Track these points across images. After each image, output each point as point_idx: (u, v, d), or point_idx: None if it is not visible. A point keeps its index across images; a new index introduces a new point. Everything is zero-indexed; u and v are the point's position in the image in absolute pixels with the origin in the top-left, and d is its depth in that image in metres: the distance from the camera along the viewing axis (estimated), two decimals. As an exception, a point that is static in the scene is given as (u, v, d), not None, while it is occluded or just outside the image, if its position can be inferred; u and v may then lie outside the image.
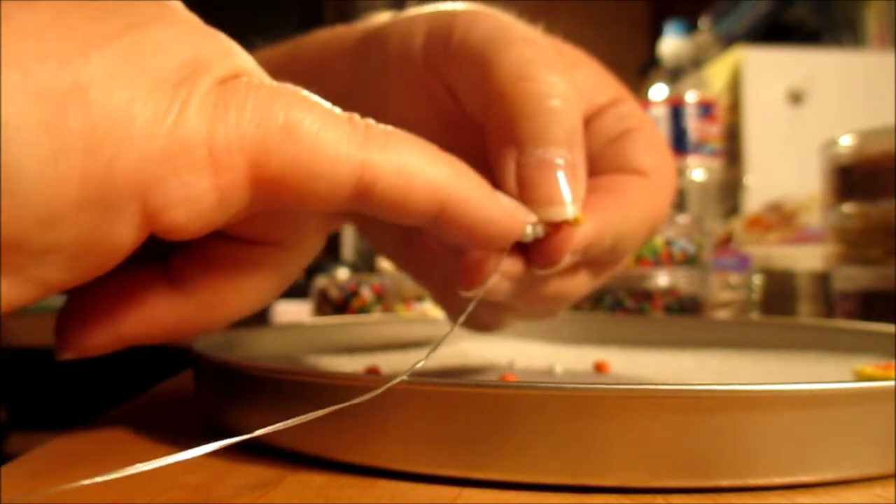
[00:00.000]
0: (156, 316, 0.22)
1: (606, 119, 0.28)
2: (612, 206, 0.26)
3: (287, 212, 0.22)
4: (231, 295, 0.23)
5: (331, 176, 0.19)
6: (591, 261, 0.27)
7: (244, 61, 0.20)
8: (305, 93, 0.20)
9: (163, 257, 0.23)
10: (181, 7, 0.20)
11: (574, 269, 0.27)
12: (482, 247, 0.23)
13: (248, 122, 0.18)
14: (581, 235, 0.24)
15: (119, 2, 0.18)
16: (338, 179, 0.19)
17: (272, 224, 0.22)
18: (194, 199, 0.18)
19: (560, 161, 0.24)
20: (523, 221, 0.23)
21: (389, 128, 0.21)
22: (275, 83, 0.20)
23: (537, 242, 0.24)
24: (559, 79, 0.24)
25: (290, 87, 0.20)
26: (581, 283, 0.27)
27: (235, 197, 0.19)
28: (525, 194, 0.24)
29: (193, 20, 0.20)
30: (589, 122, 0.28)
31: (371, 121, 0.20)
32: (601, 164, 0.27)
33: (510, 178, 0.24)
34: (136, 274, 0.22)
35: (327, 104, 0.20)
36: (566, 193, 0.23)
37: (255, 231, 0.22)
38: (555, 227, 0.24)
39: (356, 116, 0.20)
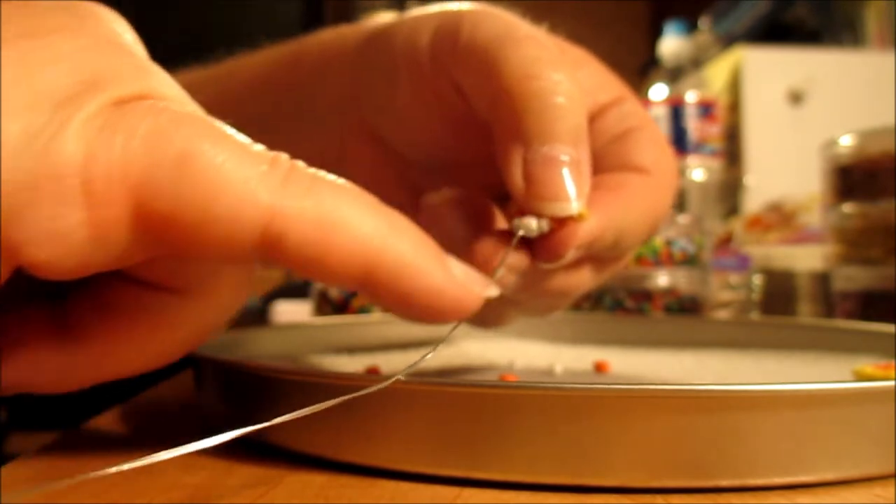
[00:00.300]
0: (41, 364, 0.20)
1: (609, 118, 0.29)
2: (615, 203, 0.26)
3: (187, 257, 0.19)
4: (127, 346, 0.20)
5: (230, 222, 0.16)
6: (595, 256, 0.27)
7: (160, 85, 0.18)
8: (220, 124, 0.18)
9: (59, 298, 0.20)
10: (108, 19, 0.19)
11: (577, 264, 0.27)
12: (424, 321, 0.20)
13: (136, 151, 0.16)
14: (585, 231, 0.24)
15: (26, 8, 0.17)
16: (238, 226, 0.17)
17: (177, 268, 0.20)
18: (61, 234, 0.16)
19: (565, 158, 0.24)
20: (478, 295, 0.20)
21: (322, 173, 0.18)
22: (188, 111, 0.18)
23: (542, 238, 0.24)
24: (564, 77, 0.24)
25: (202, 117, 0.18)
26: (584, 279, 0.28)
27: (114, 236, 0.16)
28: (531, 190, 0.24)
29: (114, 34, 0.18)
30: (592, 120, 0.28)
31: (301, 163, 0.18)
32: (604, 161, 0.28)
33: (517, 175, 0.24)
34: (25, 315, 0.20)
35: (246, 140, 0.18)
36: (571, 190, 0.23)
37: (157, 275, 0.19)
38: (559, 223, 0.24)
39: (283, 157, 0.18)
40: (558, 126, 0.24)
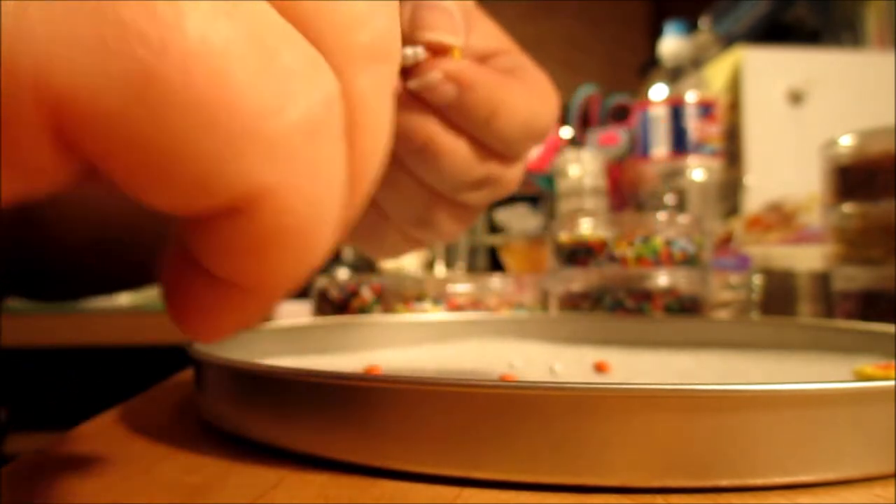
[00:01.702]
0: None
1: (500, 59, 0.31)
2: (491, 74, 0.28)
3: None
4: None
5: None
6: (474, 137, 0.28)
7: None
8: None
9: None
10: None
11: (456, 133, 0.28)
12: None
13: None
14: (457, 66, 0.27)
15: None
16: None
17: None
18: None
19: (447, 6, 0.27)
20: None
21: None
22: None
23: (417, 65, 0.27)
24: None
25: None
26: (463, 155, 0.29)
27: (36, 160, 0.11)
28: (413, 24, 0.27)
29: None
30: (484, 60, 0.31)
31: None
32: None
33: (404, 17, 0.27)
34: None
35: None
36: (447, 24, 0.27)
37: None
38: (435, 53, 0.27)
39: None
40: None
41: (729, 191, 1.16)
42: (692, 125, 1.03)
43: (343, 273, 0.92)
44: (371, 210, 0.32)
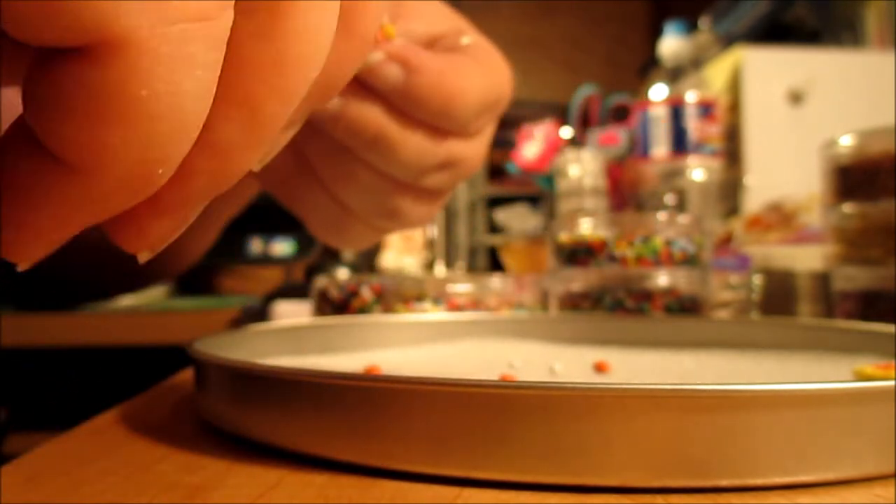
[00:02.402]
0: None
1: (446, 40, 0.30)
2: (438, 58, 0.28)
3: None
4: None
5: None
6: (429, 124, 0.28)
7: None
8: None
9: None
10: None
11: (418, 130, 0.28)
12: None
13: None
14: (399, 47, 0.26)
15: None
16: None
17: None
18: None
19: None
20: None
21: None
22: None
23: None
24: None
25: None
26: (427, 146, 0.28)
27: None
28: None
29: None
30: (435, 41, 0.30)
31: None
32: None
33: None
34: None
35: None
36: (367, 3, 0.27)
37: None
38: None
39: None
40: None
41: (729, 191, 1.16)
42: (692, 125, 1.03)
43: (343, 273, 0.92)
44: (332, 205, 0.31)
